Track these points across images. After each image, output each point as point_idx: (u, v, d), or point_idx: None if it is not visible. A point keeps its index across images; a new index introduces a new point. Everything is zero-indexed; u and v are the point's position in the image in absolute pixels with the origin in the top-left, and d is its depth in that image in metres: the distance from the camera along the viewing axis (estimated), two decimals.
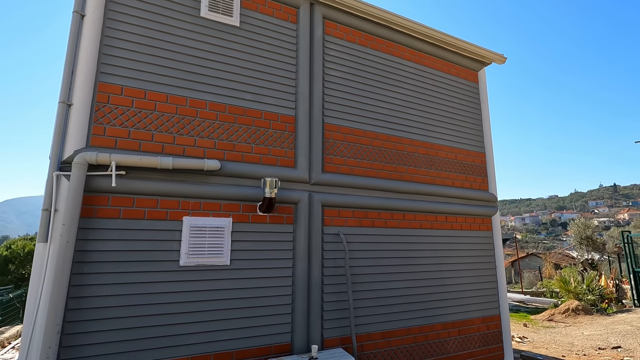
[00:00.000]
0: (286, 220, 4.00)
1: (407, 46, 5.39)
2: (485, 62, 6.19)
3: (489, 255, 5.47)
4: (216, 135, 3.80)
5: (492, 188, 5.77)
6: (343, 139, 4.55)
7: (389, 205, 4.64)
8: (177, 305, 3.33)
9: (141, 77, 3.54)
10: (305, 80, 4.40)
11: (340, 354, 3.62)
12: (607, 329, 8.73)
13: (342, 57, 4.78)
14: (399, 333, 4.40)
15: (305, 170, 4.17)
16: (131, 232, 3.27)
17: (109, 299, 3.10)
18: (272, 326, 3.70)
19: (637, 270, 11.09)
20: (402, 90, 5.20)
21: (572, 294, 11.92)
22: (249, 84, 4.07)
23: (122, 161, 3.20)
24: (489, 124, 6.04)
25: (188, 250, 3.44)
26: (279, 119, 4.17)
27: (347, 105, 4.67)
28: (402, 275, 4.59)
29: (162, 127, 3.56)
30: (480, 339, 5.04)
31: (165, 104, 3.61)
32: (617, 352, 6.90)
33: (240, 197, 3.77)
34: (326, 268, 4.10)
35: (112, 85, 3.41)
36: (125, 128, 3.40)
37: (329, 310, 4.01)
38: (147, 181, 3.38)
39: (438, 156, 5.31)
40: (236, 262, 3.65)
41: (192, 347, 3.32)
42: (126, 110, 3.43)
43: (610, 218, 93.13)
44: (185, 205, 3.54)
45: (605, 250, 24.00)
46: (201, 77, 3.83)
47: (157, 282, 3.29)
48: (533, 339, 8.28)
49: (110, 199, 3.25)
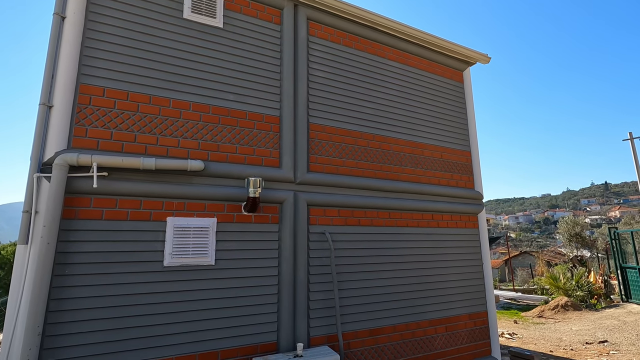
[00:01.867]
0: (271, 219, 4.03)
1: (392, 47, 5.46)
2: (470, 62, 6.28)
3: (475, 252, 5.54)
4: (200, 136, 3.81)
5: (477, 186, 5.84)
6: (328, 138, 4.59)
7: (374, 204, 4.69)
8: (162, 305, 3.33)
9: (123, 79, 3.55)
10: (290, 81, 4.44)
11: (326, 351, 3.64)
12: (595, 324, 8.85)
13: (327, 57, 4.82)
14: (386, 330, 4.43)
15: (290, 170, 4.20)
16: (114, 233, 3.27)
17: (92, 300, 3.09)
18: (258, 325, 3.71)
19: (624, 266, 11.26)
20: (387, 90, 5.26)
21: (562, 291, 12.06)
22: (233, 85, 4.09)
23: (103, 162, 3.20)
24: (474, 123, 6.12)
25: (172, 251, 3.45)
26: (263, 119, 4.20)
27: (332, 105, 4.72)
28: (388, 273, 4.63)
29: (145, 128, 3.57)
30: (467, 335, 5.10)
31: (148, 105, 3.62)
32: (603, 346, 7.00)
33: (224, 197, 3.78)
34: (312, 267, 4.12)
35: (94, 87, 3.41)
36: (107, 129, 3.40)
37: (315, 309, 4.03)
38: (130, 182, 3.38)
39: (423, 155, 5.37)
40: (221, 262, 3.66)
41: (177, 347, 3.32)
42: (108, 112, 3.43)
43: (601, 216, 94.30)
44: (169, 205, 3.54)
45: (596, 247, 24.34)
46: (184, 78, 3.84)
47: (141, 282, 3.29)
48: (523, 335, 8.37)
49: (93, 200, 3.25)
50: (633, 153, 17.55)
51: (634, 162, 17.43)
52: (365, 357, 4.21)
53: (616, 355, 6.35)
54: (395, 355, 4.41)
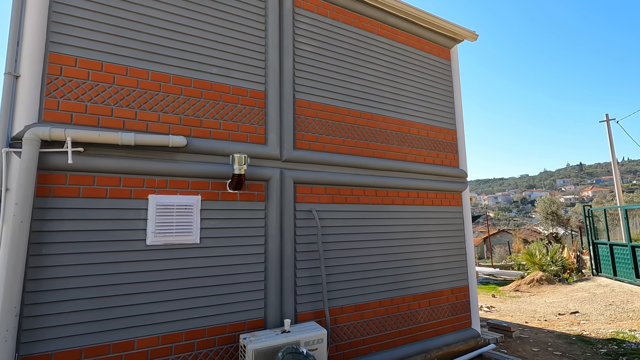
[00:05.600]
0: (257, 197, 3.96)
1: (380, 21, 5.31)
2: (458, 39, 6.21)
3: (458, 229, 5.66)
4: (181, 111, 3.65)
5: (462, 164, 5.90)
6: (315, 115, 4.49)
7: (361, 182, 4.67)
8: (145, 284, 3.26)
9: (97, 48, 3.32)
10: (275, 54, 4.28)
11: (313, 326, 3.69)
12: (567, 297, 9.34)
13: (313, 30, 4.65)
14: (372, 306, 4.52)
15: (276, 147, 4.11)
16: (93, 212, 3.14)
17: (71, 280, 2.99)
18: (245, 302, 3.70)
19: (596, 242, 11.82)
20: (375, 66, 5.16)
21: (537, 266, 12.62)
22: (216, 57, 3.91)
23: (78, 137, 3.03)
24: (461, 102, 6.12)
25: (155, 229, 3.35)
26: (247, 94, 4.05)
27: (319, 81, 4.59)
28: (374, 250, 4.68)
29: (123, 101, 3.38)
30: (450, 308, 5.27)
31: (125, 77, 3.42)
32: (574, 316, 7.40)
33: (208, 174, 3.68)
34: (299, 245, 4.11)
35: (65, 56, 3.18)
36: (81, 102, 3.20)
37: (302, 286, 4.05)
38: (108, 158, 3.23)
39: (410, 133, 5.35)
40: (206, 240, 3.60)
41: (162, 325, 3.28)
42: (81, 83, 3.22)
43: (575, 195, 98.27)
44: (150, 183, 3.42)
45: (569, 225, 25.44)
46: (164, 49, 3.64)
47: (123, 261, 3.20)
48: (500, 308, 8.75)
49: (68, 177, 3.09)
50: (609, 134, 18.10)
51: (609, 143, 18.02)
52: (351, 331, 4.29)
53: (586, 325, 6.73)
54: (380, 329, 4.52)
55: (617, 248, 10.75)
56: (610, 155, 17.88)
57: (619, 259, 10.58)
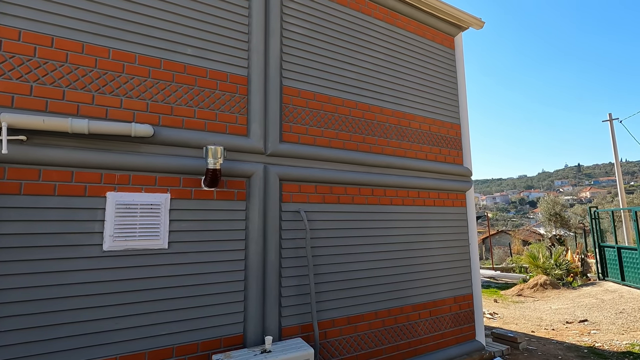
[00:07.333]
0: (237, 196, 3.48)
1: (379, 3, 4.84)
2: (463, 27, 5.74)
3: (462, 232, 5.20)
4: (149, 96, 3.17)
5: (467, 162, 5.44)
6: (305, 104, 4.02)
7: (356, 180, 4.20)
8: (101, 297, 2.78)
9: (47, 20, 2.84)
10: (260, 35, 3.80)
11: (299, 344, 3.22)
12: (573, 303, 8.89)
13: (304, 10, 4.17)
14: (366, 317, 4.05)
15: (259, 139, 3.64)
16: (37, 212, 2.66)
17: (9, 293, 2.51)
18: (221, 316, 3.23)
19: (602, 244, 11.38)
20: (372, 52, 4.68)
21: (541, 269, 12.17)
22: (190, 36, 3.43)
23: (17, 123, 2.55)
24: (465, 94, 5.66)
25: (114, 232, 2.87)
26: (227, 79, 3.57)
27: (310, 67, 4.12)
28: (370, 255, 4.21)
29: (77, 83, 2.90)
30: (452, 319, 4.81)
31: (81, 54, 2.94)
32: (584, 325, 6.95)
33: (180, 169, 3.20)
34: (285, 249, 3.64)
35: (6, 28, 2.70)
36: (25, 82, 2.72)
37: (287, 296, 3.58)
38: (57, 149, 2.75)
39: (410, 127, 4.88)
40: (176, 244, 3.12)
41: (121, 345, 2.80)
42: (26, 61, 2.74)
43: (573, 196, 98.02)
44: (109, 178, 2.94)
45: (570, 227, 25.04)
46: (128, 24, 3.15)
47: (74, 270, 2.72)
48: (503, 315, 8.30)
49: (7, 170, 2.61)
50: (611, 133, 17.66)
51: (612, 142, 17.56)
52: (343, 346, 3.83)
53: (597, 335, 6.28)
54: (376, 344, 4.06)
55: (625, 252, 10.29)
56: (613, 154, 17.45)
57: (628, 263, 10.13)
